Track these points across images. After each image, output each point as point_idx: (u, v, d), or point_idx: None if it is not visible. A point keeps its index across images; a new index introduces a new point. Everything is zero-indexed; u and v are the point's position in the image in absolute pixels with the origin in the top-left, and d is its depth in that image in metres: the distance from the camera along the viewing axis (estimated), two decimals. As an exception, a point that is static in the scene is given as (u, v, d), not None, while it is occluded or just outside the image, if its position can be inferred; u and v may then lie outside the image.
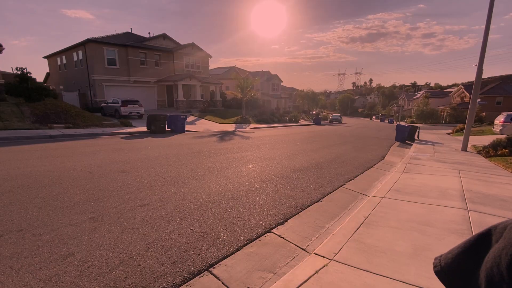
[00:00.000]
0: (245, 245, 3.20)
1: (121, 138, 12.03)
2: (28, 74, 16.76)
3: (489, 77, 69.25)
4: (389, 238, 3.37)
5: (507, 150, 9.62)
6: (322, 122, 36.31)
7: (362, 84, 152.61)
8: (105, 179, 5.43)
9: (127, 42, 25.92)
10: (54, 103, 16.26)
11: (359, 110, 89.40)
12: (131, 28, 31.11)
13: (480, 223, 3.81)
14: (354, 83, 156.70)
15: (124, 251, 2.92)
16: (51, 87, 22.81)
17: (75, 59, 25.55)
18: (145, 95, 26.97)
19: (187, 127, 16.22)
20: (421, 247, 3.13)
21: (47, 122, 14.11)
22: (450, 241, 3.26)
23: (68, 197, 4.40)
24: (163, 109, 27.37)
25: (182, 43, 30.90)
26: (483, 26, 10.78)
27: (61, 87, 27.15)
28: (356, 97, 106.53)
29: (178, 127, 15.17)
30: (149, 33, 29.49)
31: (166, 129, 15.00)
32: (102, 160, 7.22)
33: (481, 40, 10.89)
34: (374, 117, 62.15)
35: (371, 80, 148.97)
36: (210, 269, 2.71)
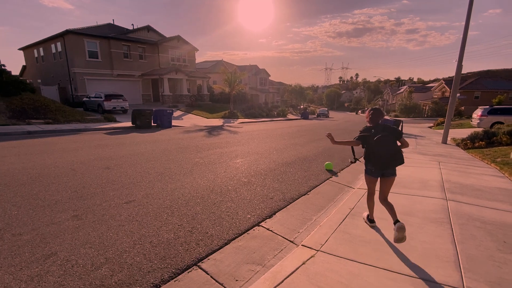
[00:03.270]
0: (234, 239, 3.22)
1: (105, 133, 11.68)
2: (3, 67, 15.86)
3: (468, 73, 71.98)
4: (373, 228, 3.48)
5: (483, 143, 10.09)
6: (310, 116, 36.66)
7: (349, 78, 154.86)
8: (88, 176, 5.27)
9: (109, 34, 24.95)
10: (32, 97, 15.51)
11: (346, 104, 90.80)
12: (113, 20, 29.91)
13: (458, 211, 4.00)
14: (340, 77, 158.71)
15: (110, 248, 2.87)
16: (28, 81, 21.70)
17: (54, 51, 24.37)
18: (130, 89, 26.19)
19: (173, 122, 15.95)
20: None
21: (25, 118, 13.48)
22: (430, 230, 3.41)
23: (49, 195, 4.25)
24: (148, 104, 26.72)
25: (167, 36, 30.11)
26: (463, 23, 11.14)
27: (39, 80, 25.89)
28: (343, 92, 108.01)
29: (164, 122, 14.89)
30: (132, 25, 28.56)
31: (152, 124, 14.69)
32: (85, 156, 7.00)
33: (461, 37, 11.26)
34: (360, 111, 63.38)
35: (357, 75, 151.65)
36: (198, 264, 2.71)
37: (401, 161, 3.23)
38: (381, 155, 3.15)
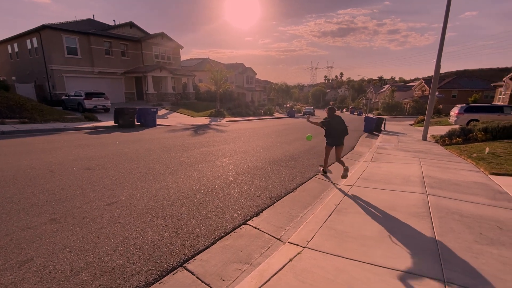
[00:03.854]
0: (220, 238, 3.19)
1: (85, 133, 11.25)
2: (-28, 63, 14.91)
3: (446, 72, 75.05)
4: (358, 223, 3.55)
5: (460, 139, 10.56)
6: (296, 115, 36.96)
7: (334, 77, 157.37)
8: (67, 178, 5.05)
9: (89, 29, 24.01)
10: (6, 95, 14.67)
11: (331, 103, 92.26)
12: (93, 15, 28.81)
13: (437, 205, 4.16)
14: (325, 76, 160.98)
15: (91, 252, 2.76)
16: (1, 78, 20.56)
17: (29, 47, 23.16)
18: (112, 87, 25.36)
19: (158, 121, 15.60)
20: (386, 231, 3.34)
21: (-2, 117, 12.73)
22: (412, 224, 3.52)
23: (24, 198, 4.03)
24: (132, 102, 26.00)
25: (151, 33, 29.37)
26: (442, 24, 11.57)
27: (14, 78, 24.57)
28: (328, 91, 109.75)
29: (148, 121, 14.53)
30: (114, 21, 27.64)
31: (136, 123, 14.30)
32: (64, 157, 6.71)
33: (439, 38, 11.69)
34: (344, 110, 64.66)
35: (341, 74, 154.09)
36: (184, 265, 2.66)
37: (346, 134, 5.87)
38: (336, 133, 5.78)
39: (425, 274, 2.49)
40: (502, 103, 20.22)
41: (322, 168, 6.33)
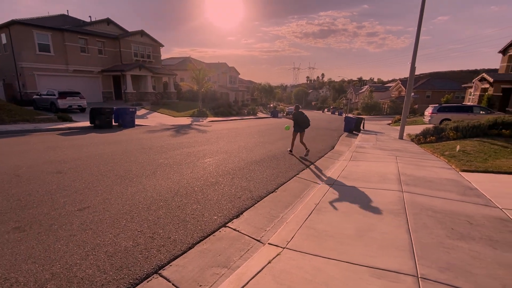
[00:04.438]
0: (199, 242, 3.10)
1: (58, 134, 10.66)
2: None
3: (420, 74, 78.49)
4: (337, 222, 3.59)
5: (434, 138, 11.06)
6: (279, 114, 37.22)
7: (315, 78, 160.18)
8: (36, 182, 4.74)
9: (63, 25, 22.85)
10: (-32, 94, 13.63)
11: (313, 103, 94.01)
12: (67, 10, 27.47)
13: (412, 202, 4.30)
14: (308, 77, 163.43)
15: (58, 262, 2.59)
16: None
17: (-4, 43, 21.69)
18: (88, 86, 24.27)
19: (137, 121, 15.12)
20: (364, 229, 3.40)
21: (-41, 118, 11.79)
22: (388, 221, 3.60)
23: (-15, 205, 3.72)
24: (110, 102, 25.03)
25: (129, 30, 28.44)
26: (416, 28, 12.06)
27: (-22, 75, 22.88)
28: (310, 91, 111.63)
29: (126, 121, 14.03)
30: (90, 17, 26.49)
31: (113, 123, 13.76)
32: (34, 160, 6.30)
33: (414, 41, 12.18)
34: (326, 110, 65.96)
35: (323, 75, 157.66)
36: (159, 272, 2.55)
37: (308, 125, 8.21)
38: (301, 123, 8.08)
39: (401, 270, 2.55)
40: (472, 103, 21.45)
41: (289, 149, 8.58)
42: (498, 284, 2.38)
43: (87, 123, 13.44)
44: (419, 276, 2.46)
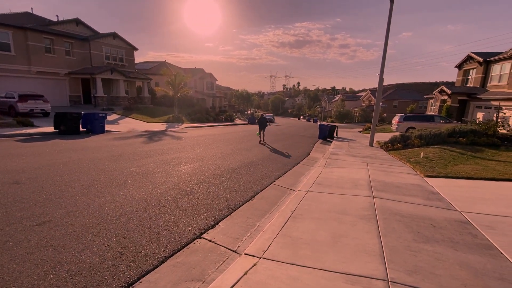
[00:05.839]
0: (172, 255, 2.97)
1: (17, 140, 9.80)
2: None
3: (388, 84, 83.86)
4: (312, 229, 3.64)
5: (401, 145, 11.76)
6: (256, 121, 37.49)
7: (291, 86, 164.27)
8: (-13, 194, 4.28)
9: (27, 24, 21.32)
10: None
11: (289, 110, 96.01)
12: (31, 8, 25.75)
13: (382, 207, 4.50)
14: (284, 85, 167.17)
15: (12, 284, 2.33)
16: None
17: None
18: (54, 89, 22.71)
19: (108, 127, 14.38)
20: (338, 235, 3.48)
21: None
22: (360, 226, 3.73)
23: None
24: (78, 106, 23.61)
25: (101, 32, 27.26)
26: (383, 42, 12.89)
27: None
28: (286, 99, 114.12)
29: (96, 127, 13.28)
30: (57, 16, 25.02)
31: (81, 129, 12.96)
32: (-14, 169, 5.71)
33: (382, 54, 12.99)
34: (302, 117, 67.72)
35: (299, 83, 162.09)
36: (128, 289, 2.40)
37: (266, 126, 13.87)
38: (263, 125, 13.51)
39: (373, 275, 2.63)
40: (433, 113, 23.19)
41: (259, 140, 13.15)
42: (460, 284, 2.54)
43: (51, 129, 12.52)
44: (389, 280, 2.55)
